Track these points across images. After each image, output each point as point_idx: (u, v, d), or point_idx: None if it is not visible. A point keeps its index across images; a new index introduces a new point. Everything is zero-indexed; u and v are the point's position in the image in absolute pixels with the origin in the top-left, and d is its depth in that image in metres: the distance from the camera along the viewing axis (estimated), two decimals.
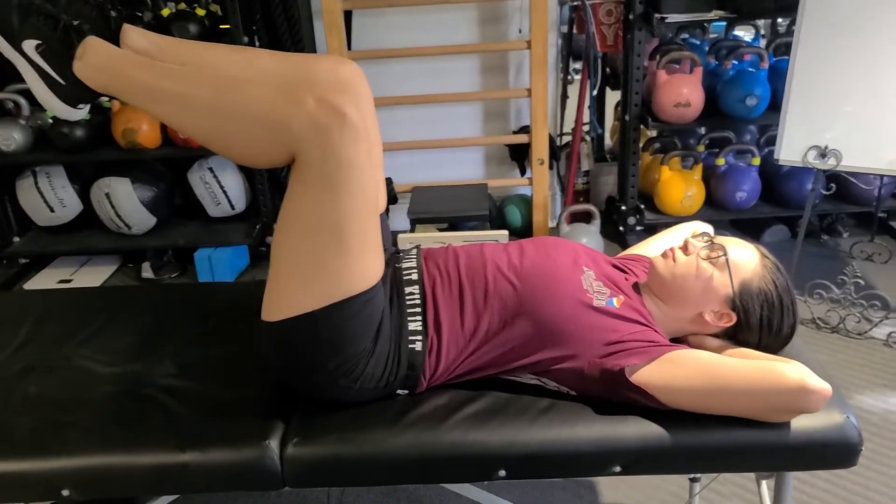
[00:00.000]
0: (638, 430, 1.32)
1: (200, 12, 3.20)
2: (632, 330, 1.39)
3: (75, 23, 1.33)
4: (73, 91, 1.32)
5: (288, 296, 1.33)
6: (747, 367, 1.29)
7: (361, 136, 1.26)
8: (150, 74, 1.33)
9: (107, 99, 2.65)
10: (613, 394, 1.35)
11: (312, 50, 3.47)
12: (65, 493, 1.34)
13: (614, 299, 1.41)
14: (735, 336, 1.45)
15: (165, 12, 3.16)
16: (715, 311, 1.43)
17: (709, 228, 1.62)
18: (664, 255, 1.48)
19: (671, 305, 1.46)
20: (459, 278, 1.46)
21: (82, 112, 1.37)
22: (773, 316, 1.42)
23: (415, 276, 1.47)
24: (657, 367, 1.31)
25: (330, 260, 1.30)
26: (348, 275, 1.32)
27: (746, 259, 1.43)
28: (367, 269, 1.34)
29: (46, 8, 1.30)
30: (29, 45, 1.28)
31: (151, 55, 1.43)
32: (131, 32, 1.45)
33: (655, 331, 1.43)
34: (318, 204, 1.28)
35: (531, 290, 1.41)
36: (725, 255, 1.42)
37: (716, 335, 1.46)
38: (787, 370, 1.24)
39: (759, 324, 1.42)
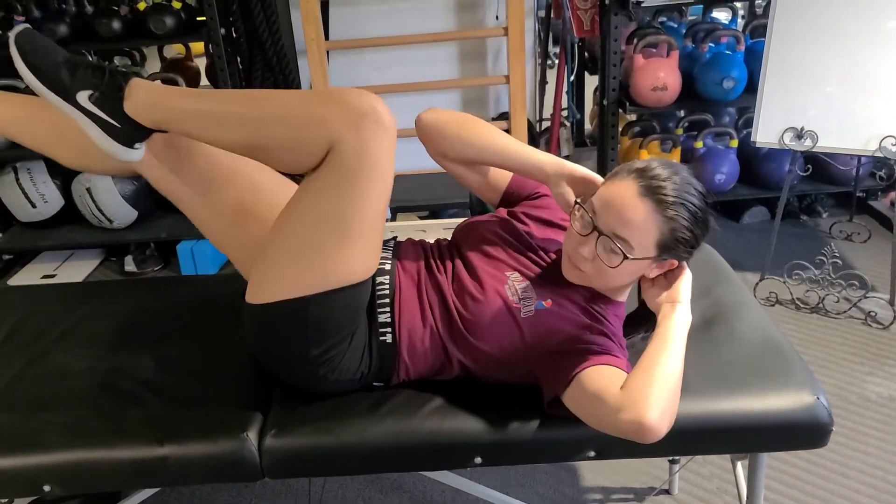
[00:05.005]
0: None
1: (177, 5, 3.19)
2: (566, 330, 1.37)
3: (119, 68, 1.41)
4: (128, 131, 1.40)
5: (282, 279, 1.35)
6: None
7: (390, 137, 1.29)
8: (189, 100, 1.38)
9: None
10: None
11: (290, 40, 3.46)
12: (46, 488, 1.35)
13: (542, 302, 1.40)
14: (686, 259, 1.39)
15: (142, 6, 3.16)
16: (655, 269, 1.37)
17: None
18: (567, 258, 1.40)
19: (610, 291, 1.43)
20: (417, 281, 1.47)
21: (140, 152, 1.43)
22: (695, 231, 1.33)
23: (387, 267, 1.48)
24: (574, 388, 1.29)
25: (332, 248, 1.32)
26: (346, 265, 1.34)
27: (639, 223, 1.29)
28: (364, 262, 1.37)
29: (89, 60, 1.39)
30: (83, 96, 1.36)
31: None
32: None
33: (591, 310, 1.40)
34: (337, 193, 1.30)
35: (461, 327, 1.41)
36: (622, 252, 1.31)
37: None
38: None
39: (690, 244, 1.34)
